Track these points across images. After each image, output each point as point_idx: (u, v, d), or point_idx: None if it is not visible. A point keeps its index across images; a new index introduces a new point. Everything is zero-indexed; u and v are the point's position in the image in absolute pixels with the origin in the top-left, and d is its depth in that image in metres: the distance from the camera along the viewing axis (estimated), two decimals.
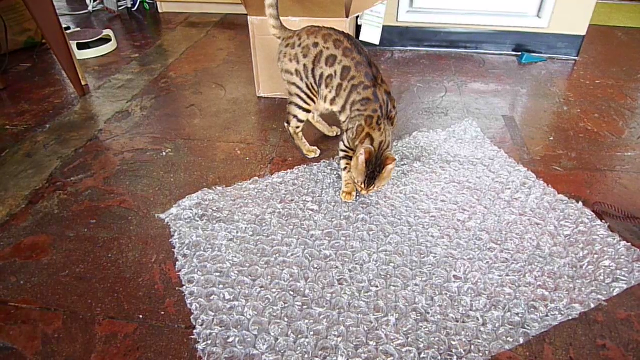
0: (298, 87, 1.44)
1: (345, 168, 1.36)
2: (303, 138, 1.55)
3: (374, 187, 1.25)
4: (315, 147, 1.56)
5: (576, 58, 2.37)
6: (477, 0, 2.31)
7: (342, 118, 1.41)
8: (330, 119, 1.66)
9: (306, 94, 1.44)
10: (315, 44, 1.38)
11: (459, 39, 2.43)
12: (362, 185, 1.25)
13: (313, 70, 1.40)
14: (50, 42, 1.86)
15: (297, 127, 1.52)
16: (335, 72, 1.35)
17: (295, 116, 1.49)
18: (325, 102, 1.43)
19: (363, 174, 1.23)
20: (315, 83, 1.41)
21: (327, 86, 1.39)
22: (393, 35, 2.45)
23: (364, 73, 1.32)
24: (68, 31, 2.57)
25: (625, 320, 1.00)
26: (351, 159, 1.34)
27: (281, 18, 1.50)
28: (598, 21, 2.83)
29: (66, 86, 2.08)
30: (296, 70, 1.42)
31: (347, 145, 1.36)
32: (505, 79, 2.15)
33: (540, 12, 2.28)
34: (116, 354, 0.93)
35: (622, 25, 2.87)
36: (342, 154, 1.38)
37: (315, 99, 1.45)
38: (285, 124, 1.52)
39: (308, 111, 1.48)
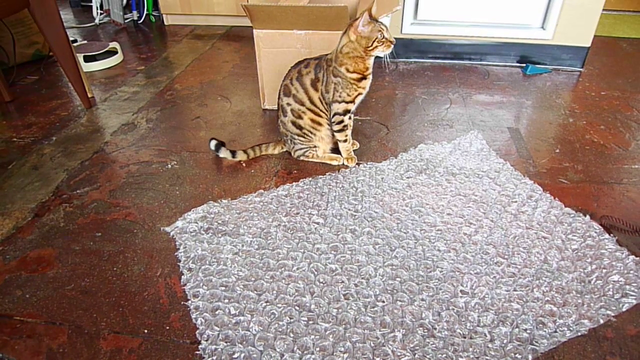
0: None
1: (345, 140, 1.55)
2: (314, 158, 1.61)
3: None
4: (338, 155, 1.60)
5: (581, 69, 2.37)
6: (481, 12, 2.32)
7: (331, 106, 1.51)
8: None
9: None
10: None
11: (463, 50, 2.44)
12: (387, 34, 1.41)
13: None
14: (58, 54, 1.89)
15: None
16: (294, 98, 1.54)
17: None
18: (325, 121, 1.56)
19: (376, 27, 1.39)
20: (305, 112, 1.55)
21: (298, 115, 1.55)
22: (397, 47, 2.43)
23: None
24: (75, 44, 2.60)
25: (636, 336, 0.99)
26: (346, 127, 1.52)
27: (286, 31, 1.51)
28: (602, 32, 2.83)
29: (73, 98, 2.10)
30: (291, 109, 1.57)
31: (344, 100, 1.47)
32: (510, 90, 2.15)
33: (545, 23, 2.29)
34: None
35: (626, 36, 2.87)
36: (338, 124, 1.51)
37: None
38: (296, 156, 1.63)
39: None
